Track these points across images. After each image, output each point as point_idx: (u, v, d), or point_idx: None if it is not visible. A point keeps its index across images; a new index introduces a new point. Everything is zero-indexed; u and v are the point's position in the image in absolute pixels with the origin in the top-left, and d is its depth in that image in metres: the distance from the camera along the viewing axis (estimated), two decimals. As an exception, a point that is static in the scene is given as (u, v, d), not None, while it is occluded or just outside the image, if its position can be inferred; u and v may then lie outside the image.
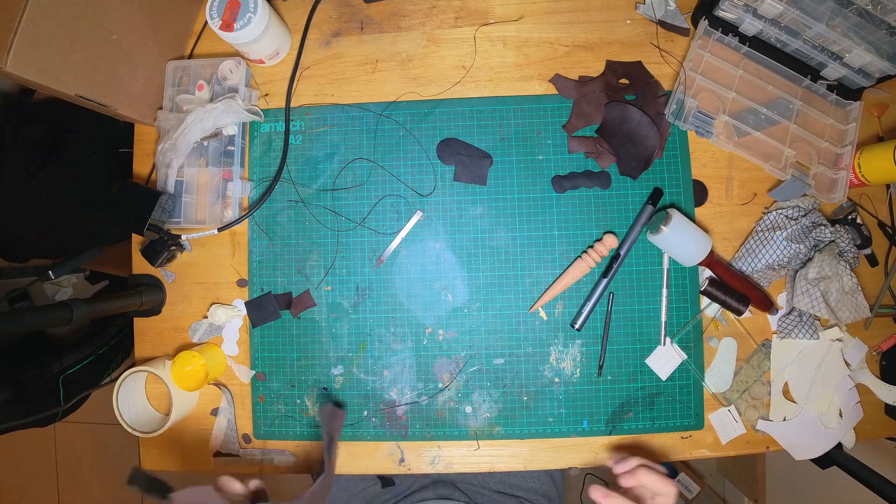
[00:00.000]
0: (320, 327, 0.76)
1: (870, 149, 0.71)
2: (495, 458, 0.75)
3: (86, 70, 0.65)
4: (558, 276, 0.74)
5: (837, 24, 0.68)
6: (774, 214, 0.73)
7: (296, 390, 0.76)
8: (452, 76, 0.78)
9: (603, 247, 0.73)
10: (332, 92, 0.79)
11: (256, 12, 0.68)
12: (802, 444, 0.74)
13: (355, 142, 0.78)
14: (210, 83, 0.76)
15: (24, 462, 1.90)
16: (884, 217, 0.77)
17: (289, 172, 0.78)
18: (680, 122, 0.73)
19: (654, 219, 0.73)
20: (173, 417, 0.71)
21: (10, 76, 0.56)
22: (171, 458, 0.78)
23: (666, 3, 0.77)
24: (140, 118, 0.75)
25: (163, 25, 0.75)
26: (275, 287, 0.77)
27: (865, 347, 0.75)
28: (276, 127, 0.78)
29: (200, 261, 0.79)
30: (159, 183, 0.76)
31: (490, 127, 0.77)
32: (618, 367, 0.74)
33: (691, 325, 0.74)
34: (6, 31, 0.54)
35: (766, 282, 0.74)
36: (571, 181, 0.75)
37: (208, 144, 0.76)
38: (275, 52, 0.77)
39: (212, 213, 0.76)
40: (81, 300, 0.63)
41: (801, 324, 0.72)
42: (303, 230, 0.77)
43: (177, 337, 0.79)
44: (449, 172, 0.76)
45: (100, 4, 0.64)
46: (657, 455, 0.74)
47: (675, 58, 0.77)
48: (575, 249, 0.75)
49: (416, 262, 0.76)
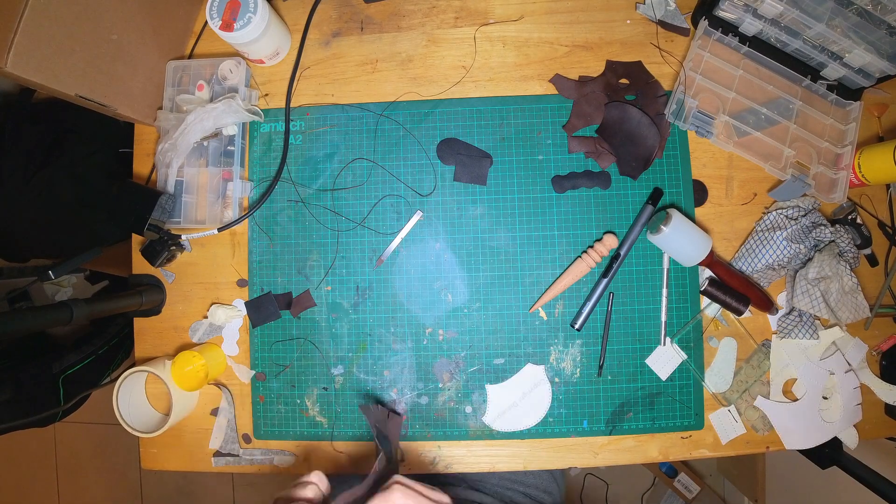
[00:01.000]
0: (320, 327, 0.76)
1: (870, 149, 0.71)
2: (495, 457, 0.75)
3: (86, 70, 0.65)
4: (558, 276, 0.74)
5: (837, 24, 0.68)
6: (774, 214, 0.73)
7: (296, 390, 0.76)
8: (452, 76, 0.78)
9: (603, 246, 0.73)
10: (332, 92, 0.79)
11: (256, 12, 0.68)
12: (797, 431, 0.74)
13: (355, 142, 0.78)
14: (210, 83, 0.76)
15: (24, 462, 1.91)
16: (884, 217, 0.77)
17: (289, 172, 0.78)
18: (680, 122, 0.73)
19: (654, 219, 0.73)
20: (173, 417, 0.71)
21: (10, 76, 0.56)
22: (171, 457, 0.78)
23: (666, 3, 0.77)
24: (140, 118, 0.75)
25: (163, 25, 0.75)
26: (275, 287, 0.77)
27: (866, 347, 0.75)
28: (276, 127, 0.78)
29: (200, 261, 0.79)
30: (159, 183, 0.76)
31: (490, 127, 0.77)
32: (618, 367, 0.74)
33: (691, 325, 0.74)
34: (6, 30, 0.54)
35: (766, 282, 0.74)
36: (571, 181, 0.75)
37: (208, 144, 0.76)
38: (275, 52, 0.77)
39: (212, 213, 0.76)
40: (81, 300, 0.63)
41: (801, 323, 0.72)
42: (303, 230, 0.77)
43: (177, 337, 0.79)
44: (449, 172, 0.76)
45: (100, 4, 0.64)
46: (656, 455, 0.74)
47: (675, 58, 0.77)
48: (575, 249, 0.75)
49: (416, 262, 0.76)
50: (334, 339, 0.76)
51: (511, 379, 0.74)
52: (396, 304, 0.76)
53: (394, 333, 0.75)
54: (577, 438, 0.74)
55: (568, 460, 0.74)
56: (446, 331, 0.75)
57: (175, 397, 0.71)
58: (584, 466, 0.76)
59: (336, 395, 0.76)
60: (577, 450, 0.74)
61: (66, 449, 1.90)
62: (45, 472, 1.89)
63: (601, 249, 0.73)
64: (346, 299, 0.76)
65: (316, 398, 0.76)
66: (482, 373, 0.75)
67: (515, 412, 0.74)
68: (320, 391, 0.76)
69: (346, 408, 0.75)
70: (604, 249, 0.73)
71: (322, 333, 0.76)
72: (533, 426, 0.74)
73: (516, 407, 0.74)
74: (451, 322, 0.75)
